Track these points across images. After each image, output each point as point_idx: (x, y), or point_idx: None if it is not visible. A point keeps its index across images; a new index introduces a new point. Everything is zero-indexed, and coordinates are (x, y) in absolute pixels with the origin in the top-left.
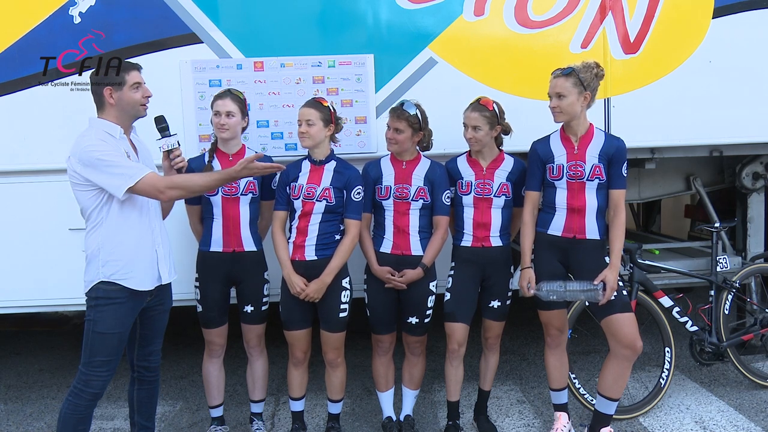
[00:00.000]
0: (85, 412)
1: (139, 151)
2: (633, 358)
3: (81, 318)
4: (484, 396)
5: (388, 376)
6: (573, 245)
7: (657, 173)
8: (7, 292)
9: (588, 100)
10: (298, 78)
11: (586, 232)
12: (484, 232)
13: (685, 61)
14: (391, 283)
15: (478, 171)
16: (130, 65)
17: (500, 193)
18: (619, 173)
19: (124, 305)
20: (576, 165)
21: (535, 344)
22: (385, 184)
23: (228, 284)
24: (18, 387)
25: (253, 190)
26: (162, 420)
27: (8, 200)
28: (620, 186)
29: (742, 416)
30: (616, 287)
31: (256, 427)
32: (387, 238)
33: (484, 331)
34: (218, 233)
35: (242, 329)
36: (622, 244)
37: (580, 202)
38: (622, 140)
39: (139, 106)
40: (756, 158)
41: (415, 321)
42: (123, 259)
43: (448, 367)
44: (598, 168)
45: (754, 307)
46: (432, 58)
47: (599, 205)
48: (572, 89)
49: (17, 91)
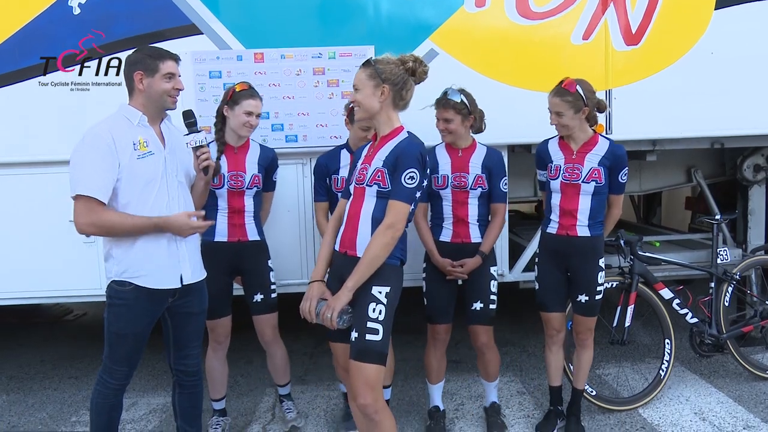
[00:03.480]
0: (114, 400)
1: (168, 142)
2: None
3: (82, 310)
4: (577, 395)
5: (440, 370)
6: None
7: (658, 165)
8: (7, 283)
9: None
10: (299, 69)
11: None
12: (570, 220)
13: (687, 52)
14: (453, 275)
15: (568, 154)
16: (169, 54)
17: (590, 179)
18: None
19: (136, 306)
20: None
21: (535, 336)
22: (442, 173)
23: (232, 274)
24: (20, 378)
25: (258, 183)
26: (163, 411)
27: (8, 192)
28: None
29: (742, 407)
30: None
31: (287, 407)
32: (446, 227)
33: (574, 326)
34: (223, 224)
35: (255, 324)
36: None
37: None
38: (623, 148)
39: (167, 96)
40: (757, 150)
41: (479, 306)
42: (134, 257)
43: (547, 353)
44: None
45: (754, 299)
46: (433, 50)
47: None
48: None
49: (17, 82)
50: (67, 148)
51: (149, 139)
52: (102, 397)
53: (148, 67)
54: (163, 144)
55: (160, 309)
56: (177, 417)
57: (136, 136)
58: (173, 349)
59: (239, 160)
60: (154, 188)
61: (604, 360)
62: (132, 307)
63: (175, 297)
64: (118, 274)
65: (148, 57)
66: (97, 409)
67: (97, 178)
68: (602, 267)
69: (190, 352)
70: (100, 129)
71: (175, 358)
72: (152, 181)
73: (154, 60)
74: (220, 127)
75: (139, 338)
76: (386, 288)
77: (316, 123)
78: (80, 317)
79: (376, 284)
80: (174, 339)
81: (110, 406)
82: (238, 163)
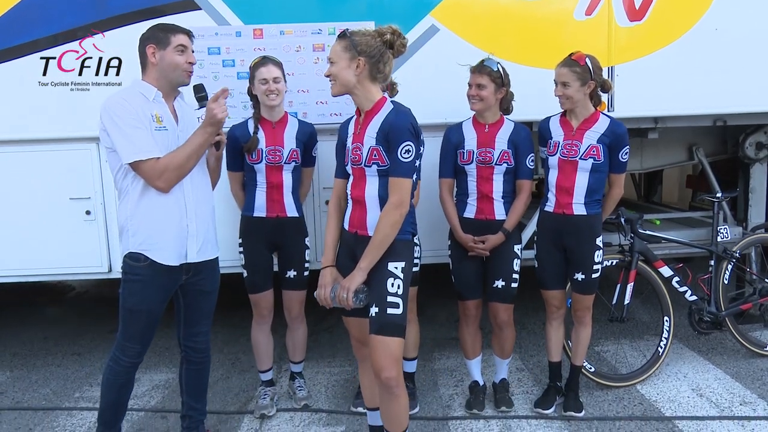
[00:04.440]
0: (124, 378)
1: (181, 119)
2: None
3: (83, 287)
4: (576, 371)
5: (476, 345)
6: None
7: (659, 143)
8: (7, 261)
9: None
10: (298, 46)
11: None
12: (566, 197)
13: (691, 28)
14: (475, 251)
15: (568, 131)
16: (179, 28)
17: (587, 156)
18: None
19: (150, 282)
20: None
21: (535, 314)
22: (468, 148)
23: (271, 249)
24: (23, 355)
25: (296, 158)
26: (166, 387)
27: (8, 169)
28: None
29: (739, 384)
30: None
31: (298, 385)
32: (470, 203)
33: (572, 303)
34: (261, 199)
35: (284, 297)
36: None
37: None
38: (624, 126)
39: (180, 70)
40: (760, 128)
41: (501, 284)
42: (149, 229)
43: (548, 328)
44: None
45: (753, 276)
46: (434, 26)
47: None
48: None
49: (16, 58)
50: (66, 126)
51: (164, 115)
52: (113, 373)
53: (159, 40)
54: (176, 121)
55: (173, 286)
56: (183, 392)
57: (152, 110)
58: (184, 326)
59: (277, 135)
60: None
61: (603, 337)
62: (147, 284)
63: (189, 274)
64: (135, 246)
65: (160, 31)
66: (108, 385)
67: (140, 140)
68: (599, 246)
69: (200, 330)
70: (117, 98)
71: (185, 335)
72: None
73: (166, 33)
74: (254, 103)
75: (152, 315)
76: (401, 263)
77: (316, 100)
78: (82, 294)
79: (391, 260)
80: (185, 316)
81: (120, 383)
82: (276, 137)
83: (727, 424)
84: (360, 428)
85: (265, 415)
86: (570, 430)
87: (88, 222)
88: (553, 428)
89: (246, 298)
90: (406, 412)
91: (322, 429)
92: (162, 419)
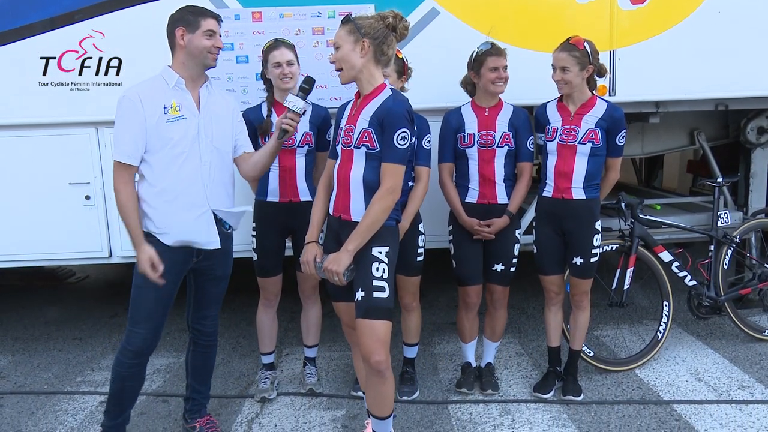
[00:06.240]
0: (130, 370)
1: (204, 107)
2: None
3: (84, 272)
4: (574, 355)
5: (473, 330)
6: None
7: (660, 128)
8: (8, 246)
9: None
10: (298, 29)
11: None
12: (565, 182)
13: (693, 11)
14: (480, 234)
15: (566, 116)
16: (209, 12)
17: (586, 140)
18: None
19: (161, 255)
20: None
21: (535, 299)
22: (468, 131)
23: (284, 234)
24: (24, 339)
25: (309, 142)
26: (167, 372)
27: (8, 154)
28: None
29: (737, 368)
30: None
31: (309, 371)
32: (472, 187)
33: (570, 287)
34: (275, 184)
35: (298, 278)
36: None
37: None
38: (621, 110)
39: (207, 53)
40: (761, 112)
41: (500, 268)
42: (160, 212)
43: (547, 313)
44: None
45: (753, 261)
46: (434, 8)
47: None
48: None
49: (15, 41)
50: (68, 110)
51: (183, 104)
52: (118, 363)
53: (189, 23)
54: (198, 108)
55: (183, 268)
56: (188, 375)
57: (168, 100)
58: (193, 308)
59: None
60: (183, 153)
61: (603, 322)
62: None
63: (199, 258)
64: (146, 227)
65: (190, 14)
66: (113, 374)
67: (124, 143)
68: (598, 230)
69: (208, 314)
70: (129, 92)
71: (194, 318)
72: (179, 145)
73: (196, 17)
74: (268, 87)
75: (160, 297)
76: (385, 248)
77: (316, 84)
78: (83, 280)
79: (375, 245)
80: (195, 299)
81: (124, 375)
82: None
83: (725, 407)
84: (360, 412)
85: (266, 399)
86: (569, 414)
87: (87, 207)
88: (552, 412)
89: (248, 283)
90: (392, 395)
91: (322, 413)
92: (163, 403)
